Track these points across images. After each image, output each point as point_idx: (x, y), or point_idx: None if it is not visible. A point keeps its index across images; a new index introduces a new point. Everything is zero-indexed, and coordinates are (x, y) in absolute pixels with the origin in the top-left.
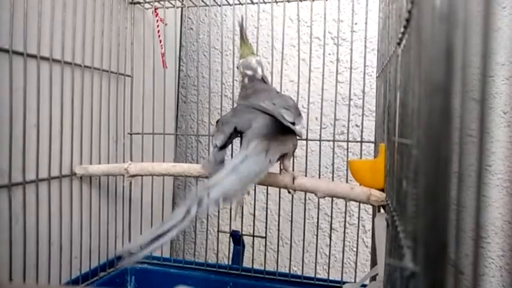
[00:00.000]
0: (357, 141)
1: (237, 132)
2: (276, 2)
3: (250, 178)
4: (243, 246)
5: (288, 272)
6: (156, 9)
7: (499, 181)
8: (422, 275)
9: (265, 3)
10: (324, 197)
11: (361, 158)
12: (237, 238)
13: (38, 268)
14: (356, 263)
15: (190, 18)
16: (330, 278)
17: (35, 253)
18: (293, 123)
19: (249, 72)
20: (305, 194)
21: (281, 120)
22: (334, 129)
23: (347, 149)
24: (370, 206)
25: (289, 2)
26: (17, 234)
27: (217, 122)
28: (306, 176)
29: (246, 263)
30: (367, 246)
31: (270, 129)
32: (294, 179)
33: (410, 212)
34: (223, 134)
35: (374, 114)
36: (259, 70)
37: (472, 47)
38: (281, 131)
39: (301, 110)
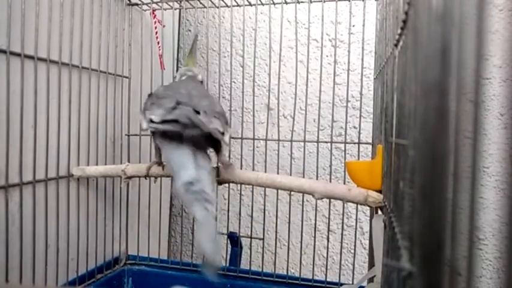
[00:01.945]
0: (354, 143)
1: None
2: (274, 4)
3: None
4: (241, 247)
5: (285, 273)
6: (154, 10)
7: (497, 183)
8: (418, 275)
9: (263, 4)
10: (322, 198)
11: (358, 159)
12: (234, 240)
13: (35, 269)
14: (354, 265)
15: (188, 20)
16: (328, 279)
17: (32, 254)
18: (222, 133)
19: (189, 73)
20: (302, 196)
21: (214, 135)
22: (331, 131)
23: (344, 151)
24: (368, 208)
25: (286, 3)
26: (13, 235)
27: (149, 95)
28: (303, 177)
29: (244, 264)
30: (365, 248)
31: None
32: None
33: (407, 212)
34: (163, 108)
35: (371, 115)
36: (200, 76)
37: (467, 48)
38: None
39: (298, 111)
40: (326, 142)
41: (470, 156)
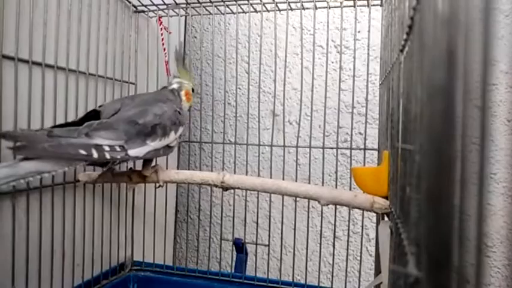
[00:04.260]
0: (360, 149)
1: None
2: (279, 11)
3: None
4: (246, 254)
5: (291, 280)
6: (160, 17)
7: (504, 189)
8: (425, 281)
9: (268, 11)
10: (327, 204)
11: (364, 165)
12: (239, 246)
13: (41, 274)
14: (360, 272)
15: (194, 27)
16: (334, 286)
17: (38, 259)
18: (122, 147)
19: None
20: (308, 202)
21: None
22: (337, 137)
23: (350, 157)
24: (374, 214)
25: (292, 10)
26: (20, 241)
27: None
28: (309, 183)
29: (249, 271)
30: (371, 255)
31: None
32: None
33: (414, 218)
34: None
35: (377, 122)
36: (176, 85)
37: (473, 54)
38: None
39: (304, 117)
40: (332, 148)
41: (477, 162)
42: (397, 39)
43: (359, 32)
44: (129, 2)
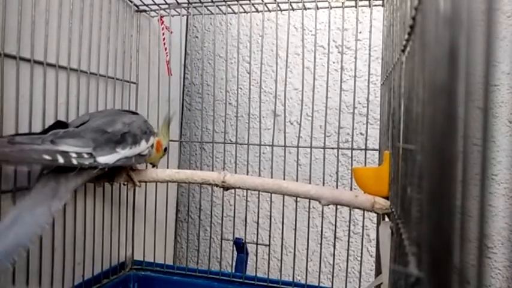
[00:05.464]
0: (361, 149)
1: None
2: (281, 11)
3: None
4: (247, 254)
5: (291, 280)
6: (161, 17)
7: (505, 190)
8: (426, 282)
9: (269, 11)
10: (328, 204)
11: (365, 165)
12: (240, 246)
13: (41, 273)
14: (360, 272)
15: (195, 27)
16: (334, 287)
17: (38, 258)
18: (90, 154)
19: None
20: (309, 202)
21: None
22: (338, 137)
23: (351, 157)
24: (375, 215)
25: (293, 10)
26: None
27: None
28: (310, 183)
29: (249, 271)
30: (371, 256)
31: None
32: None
33: (415, 218)
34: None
35: (378, 122)
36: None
37: (475, 54)
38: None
39: (305, 117)
40: (333, 148)
41: (479, 163)
42: (398, 40)
43: (360, 32)
44: (131, 2)
